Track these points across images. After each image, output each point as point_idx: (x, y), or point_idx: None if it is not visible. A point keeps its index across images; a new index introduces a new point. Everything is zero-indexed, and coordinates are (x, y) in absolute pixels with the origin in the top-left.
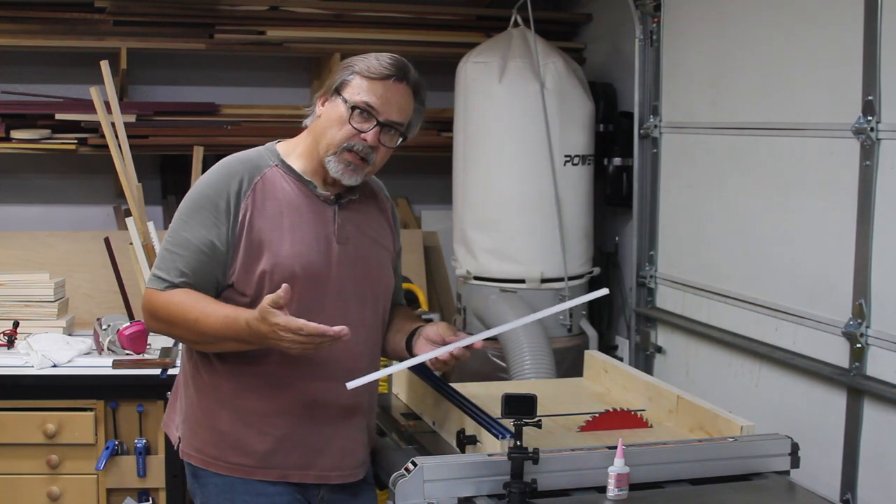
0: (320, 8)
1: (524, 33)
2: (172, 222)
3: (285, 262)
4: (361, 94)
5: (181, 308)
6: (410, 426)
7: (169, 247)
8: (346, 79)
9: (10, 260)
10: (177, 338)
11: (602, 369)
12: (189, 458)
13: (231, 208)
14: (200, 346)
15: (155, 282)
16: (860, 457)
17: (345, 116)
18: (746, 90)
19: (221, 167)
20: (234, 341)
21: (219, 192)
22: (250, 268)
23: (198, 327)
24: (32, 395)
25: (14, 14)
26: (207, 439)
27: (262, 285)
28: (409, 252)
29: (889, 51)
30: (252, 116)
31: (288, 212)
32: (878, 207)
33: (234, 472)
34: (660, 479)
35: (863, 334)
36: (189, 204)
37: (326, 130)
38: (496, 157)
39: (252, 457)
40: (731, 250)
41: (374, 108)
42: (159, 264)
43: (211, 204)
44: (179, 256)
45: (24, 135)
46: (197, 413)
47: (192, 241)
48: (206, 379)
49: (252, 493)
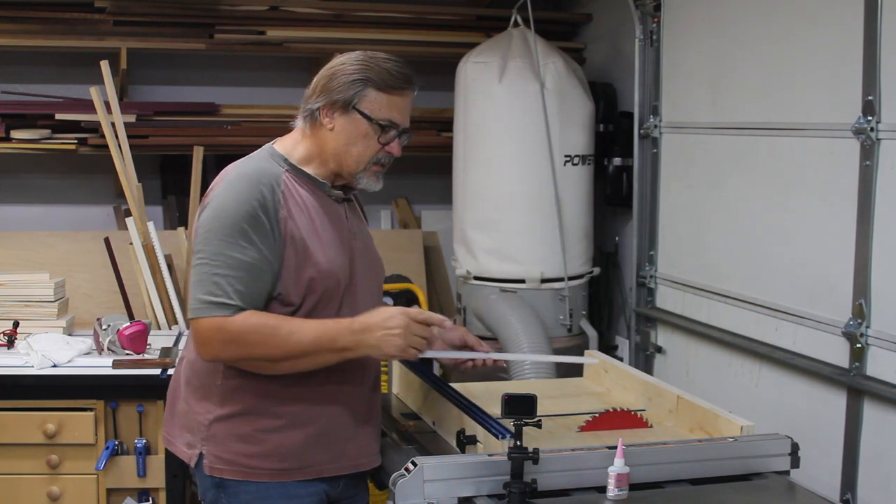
0: (320, 8)
1: (524, 33)
2: (207, 243)
3: (326, 266)
4: (384, 112)
5: (267, 327)
6: (410, 426)
7: (217, 270)
8: (362, 93)
9: (10, 260)
10: (255, 360)
11: (602, 369)
12: (220, 473)
13: (271, 220)
14: (279, 365)
15: (218, 308)
16: (860, 457)
17: (371, 133)
18: (746, 90)
19: (245, 180)
20: (327, 352)
21: (254, 206)
22: (299, 276)
23: (290, 340)
24: (32, 395)
25: (14, 14)
26: (242, 451)
27: (309, 293)
28: (409, 252)
29: (889, 51)
30: (252, 116)
31: (314, 215)
32: (878, 207)
33: (273, 478)
34: (660, 479)
35: (863, 334)
36: (227, 223)
37: (351, 148)
38: (496, 158)
39: (290, 459)
40: (731, 250)
41: (396, 123)
42: (213, 290)
43: (252, 219)
44: (234, 278)
45: (24, 135)
46: (227, 426)
47: (243, 260)
48: (239, 391)
49: (286, 497)
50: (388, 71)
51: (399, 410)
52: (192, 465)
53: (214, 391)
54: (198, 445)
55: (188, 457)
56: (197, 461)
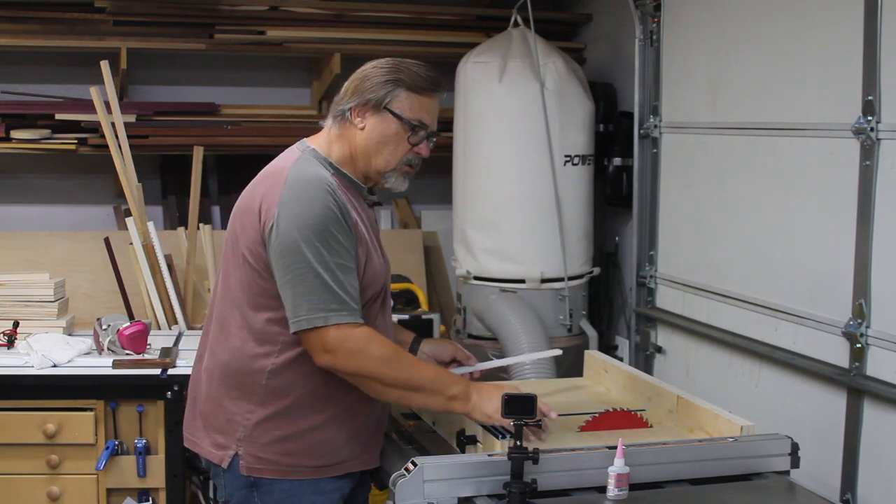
0: (320, 8)
1: (524, 33)
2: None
3: (378, 267)
4: (415, 112)
5: (390, 346)
6: (410, 426)
7: (328, 280)
8: (392, 94)
9: (10, 260)
10: (369, 380)
11: (602, 369)
12: (258, 473)
13: (348, 222)
14: (395, 392)
15: (343, 316)
16: (860, 457)
17: (402, 134)
18: (746, 90)
19: (316, 185)
20: (439, 395)
21: (333, 209)
22: (364, 278)
23: (411, 372)
24: (32, 395)
25: (14, 14)
26: (282, 450)
27: (365, 293)
28: (409, 252)
29: (889, 51)
30: (252, 116)
31: (359, 218)
32: (878, 207)
33: (311, 475)
34: (660, 479)
35: (863, 334)
36: (317, 230)
37: (382, 147)
38: (496, 158)
39: (328, 456)
40: (731, 250)
41: (425, 124)
42: (331, 298)
43: (336, 223)
44: (349, 284)
45: (24, 135)
46: (267, 426)
47: (347, 266)
48: (284, 391)
49: (319, 493)
50: (418, 73)
51: (399, 410)
52: (224, 467)
53: (256, 391)
54: (232, 446)
55: (219, 458)
56: (230, 462)
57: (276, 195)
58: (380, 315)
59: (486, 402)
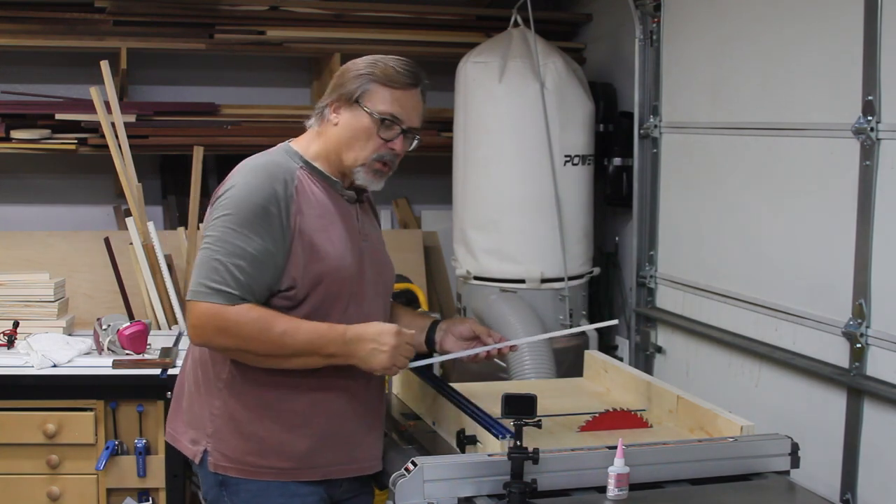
0: (320, 8)
1: (524, 33)
2: (217, 230)
3: (334, 262)
4: (386, 105)
5: (262, 322)
6: (410, 426)
7: (223, 257)
8: (365, 88)
9: (10, 260)
10: (244, 352)
11: (602, 369)
12: (224, 471)
13: (282, 213)
14: (268, 360)
15: (218, 296)
16: (860, 457)
17: (372, 128)
18: (746, 90)
19: (259, 172)
20: (316, 355)
21: (267, 198)
22: (305, 271)
23: (282, 340)
24: (32, 395)
25: (14, 14)
26: (246, 448)
27: (314, 288)
28: (409, 252)
29: (889, 51)
30: (252, 116)
31: (325, 213)
32: (878, 207)
33: (276, 477)
34: (660, 479)
35: (863, 334)
36: (238, 212)
37: (353, 142)
38: (496, 158)
39: (294, 459)
40: (731, 250)
41: (399, 119)
42: (215, 276)
43: (263, 211)
44: (238, 267)
45: (24, 135)
46: (231, 423)
47: (248, 251)
48: (246, 389)
49: (287, 496)
50: (393, 68)
51: (399, 410)
52: (197, 462)
53: (220, 387)
54: (202, 442)
55: (192, 453)
56: (201, 458)
57: (225, 182)
58: (354, 317)
59: (371, 360)
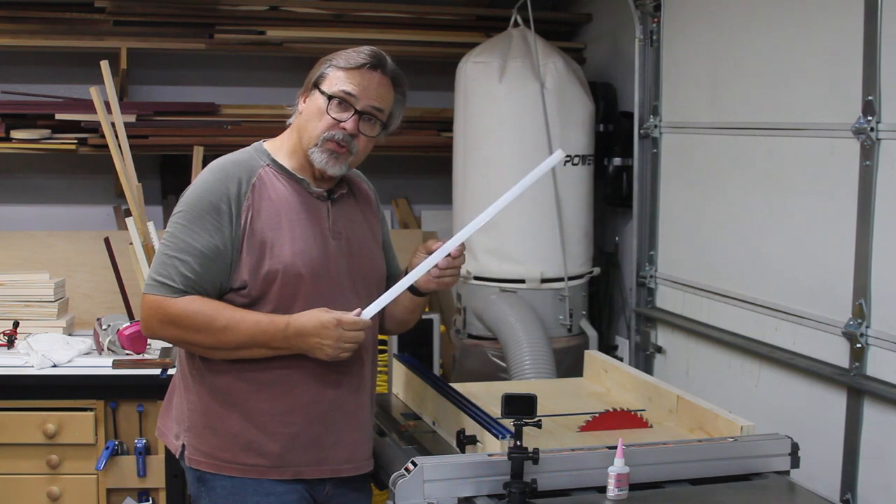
0: (320, 8)
1: (524, 33)
2: (171, 226)
3: (289, 261)
4: (338, 84)
5: (204, 315)
6: (410, 426)
7: (171, 252)
8: (323, 72)
9: (10, 260)
10: (190, 344)
11: (602, 369)
12: (198, 465)
13: (233, 211)
14: (216, 352)
15: (162, 288)
16: (860, 457)
17: (323, 108)
18: (746, 90)
19: (217, 170)
20: (261, 347)
21: (219, 195)
22: (256, 269)
23: (224, 334)
24: (32, 395)
25: (14, 14)
26: (217, 444)
27: (268, 286)
28: (409, 252)
29: (889, 51)
30: (252, 116)
31: (286, 211)
32: (878, 207)
33: (247, 474)
34: (660, 479)
35: (863, 334)
36: (189, 209)
37: (307, 124)
38: (496, 158)
39: (266, 457)
40: (731, 250)
41: (352, 96)
42: (161, 270)
43: (213, 208)
44: (184, 262)
45: (24, 135)
46: (204, 418)
47: (195, 247)
48: (214, 383)
49: (262, 493)
50: (352, 50)
51: (399, 410)
52: (177, 456)
53: (194, 381)
54: (182, 436)
55: (175, 448)
56: (181, 453)
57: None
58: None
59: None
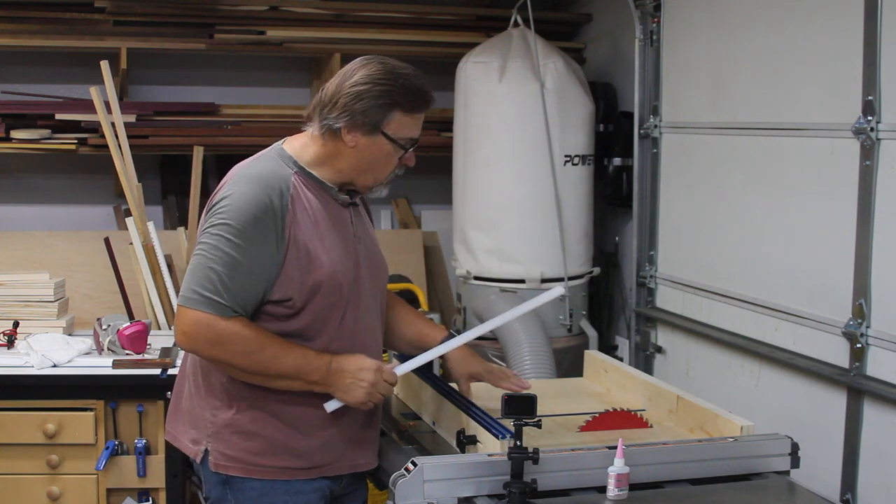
0: (320, 8)
1: (524, 33)
2: (212, 238)
3: (330, 270)
4: (409, 131)
5: (255, 342)
6: (410, 426)
7: (216, 266)
8: (388, 117)
9: (10, 260)
10: (229, 366)
11: (602, 369)
12: (226, 470)
13: (278, 225)
14: (250, 377)
15: (212, 305)
16: (860, 457)
17: (393, 153)
18: (746, 90)
19: (256, 183)
20: (299, 380)
21: (263, 209)
22: (303, 281)
23: (271, 363)
24: (32, 395)
25: (14, 14)
26: (249, 448)
27: (312, 297)
28: (409, 252)
29: (889, 51)
30: (252, 116)
31: (320, 220)
32: (878, 207)
33: (279, 476)
34: (660, 479)
35: (863, 334)
36: (234, 223)
37: (374, 166)
38: (496, 158)
39: (299, 459)
40: (731, 250)
41: (416, 139)
42: (207, 285)
43: (258, 222)
44: (231, 278)
45: (24, 135)
46: (233, 424)
47: (243, 262)
48: (244, 391)
49: (292, 493)
50: (413, 92)
51: (399, 410)
52: (198, 462)
53: (219, 388)
54: (203, 442)
55: (193, 453)
56: (202, 458)
57: (220, 190)
58: (350, 322)
59: (348, 393)
